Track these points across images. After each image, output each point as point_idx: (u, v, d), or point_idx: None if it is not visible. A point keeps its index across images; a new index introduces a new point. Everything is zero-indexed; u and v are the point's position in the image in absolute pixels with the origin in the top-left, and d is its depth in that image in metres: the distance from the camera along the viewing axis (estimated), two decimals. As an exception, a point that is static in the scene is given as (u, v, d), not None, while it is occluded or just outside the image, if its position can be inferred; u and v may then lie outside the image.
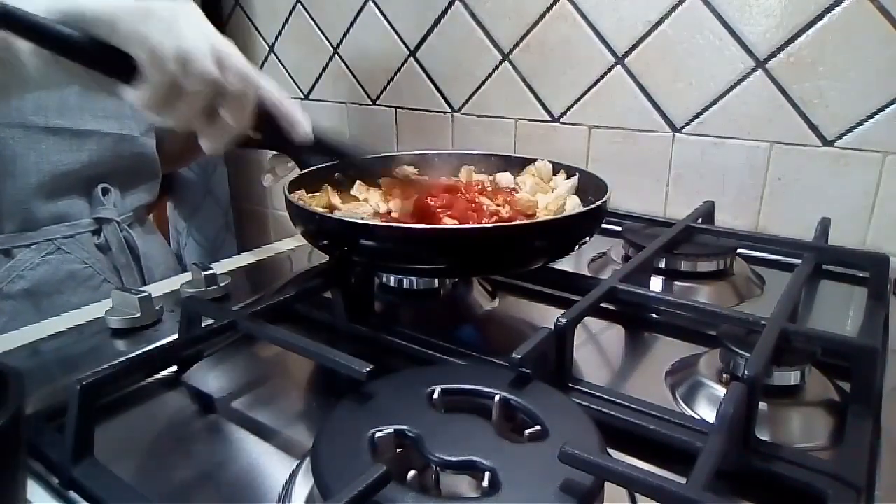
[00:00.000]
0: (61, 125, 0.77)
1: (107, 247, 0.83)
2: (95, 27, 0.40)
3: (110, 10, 0.40)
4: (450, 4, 0.98)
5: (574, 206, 0.64)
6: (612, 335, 0.60)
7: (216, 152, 0.47)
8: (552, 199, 0.65)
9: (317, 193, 0.67)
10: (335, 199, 0.65)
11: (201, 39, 0.42)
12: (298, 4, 1.16)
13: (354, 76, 1.13)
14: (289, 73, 1.23)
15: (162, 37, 0.40)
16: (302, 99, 1.22)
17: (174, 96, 0.42)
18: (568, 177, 0.69)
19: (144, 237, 0.90)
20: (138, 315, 0.59)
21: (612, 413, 0.43)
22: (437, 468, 0.33)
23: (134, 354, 0.46)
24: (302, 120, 0.49)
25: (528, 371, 0.41)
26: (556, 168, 0.71)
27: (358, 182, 0.71)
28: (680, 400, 0.48)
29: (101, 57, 0.40)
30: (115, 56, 0.40)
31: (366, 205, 0.65)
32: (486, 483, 0.32)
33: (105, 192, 0.83)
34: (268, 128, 0.48)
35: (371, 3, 1.06)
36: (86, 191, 0.82)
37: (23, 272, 0.76)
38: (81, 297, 0.79)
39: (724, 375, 0.47)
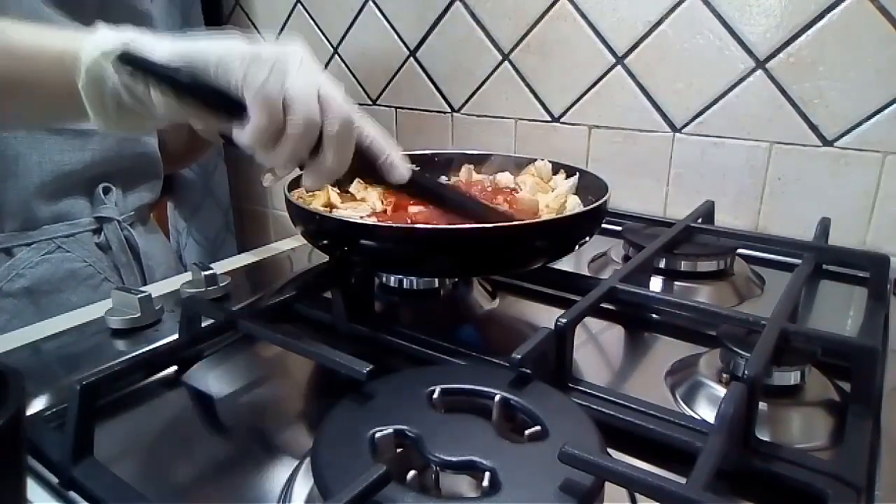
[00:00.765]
0: (64, 125, 0.77)
1: (107, 246, 0.82)
2: (210, 70, 0.43)
3: (224, 53, 0.43)
4: (450, 4, 0.98)
5: (574, 205, 0.64)
6: (612, 335, 0.60)
7: (316, 188, 0.50)
8: (552, 198, 0.65)
9: (317, 192, 0.67)
10: (335, 198, 0.65)
11: (307, 84, 0.43)
12: (298, 4, 1.16)
13: (354, 76, 1.13)
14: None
15: (269, 79, 0.42)
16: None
17: (278, 137, 0.44)
18: (568, 177, 0.69)
19: (146, 236, 0.90)
20: (138, 315, 0.59)
21: (612, 413, 0.43)
22: (437, 468, 0.33)
23: (134, 354, 0.46)
24: (399, 164, 0.50)
25: (528, 371, 0.41)
26: (556, 168, 0.72)
27: (357, 179, 0.71)
28: (680, 400, 0.48)
29: (212, 99, 0.43)
30: (225, 99, 0.43)
31: (364, 204, 0.65)
32: (486, 483, 0.32)
33: (106, 191, 0.83)
34: (366, 167, 0.49)
35: (371, 3, 1.06)
36: (87, 190, 0.82)
37: (23, 271, 0.76)
38: (81, 295, 0.79)
39: (724, 375, 0.47)
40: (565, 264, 0.69)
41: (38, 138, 0.76)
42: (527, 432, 0.36)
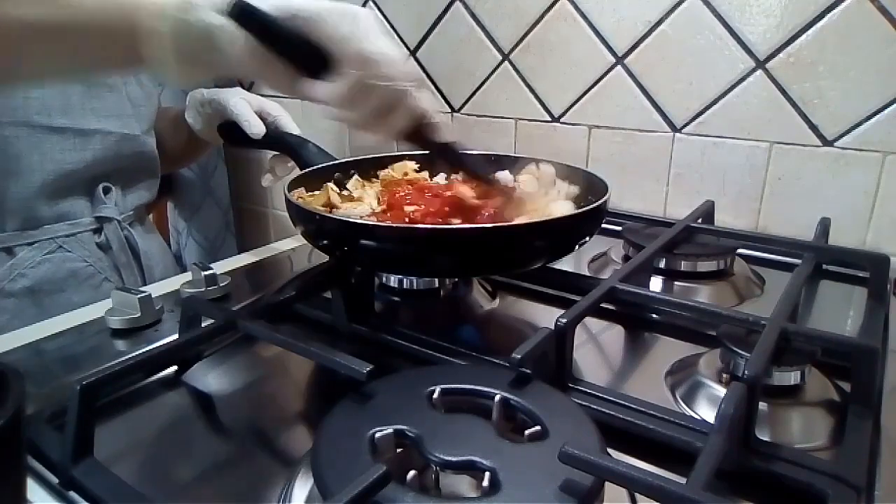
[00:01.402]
0: (65, 124, 0.77)
1: (108, 245, 0.83)
2: (307, 23, 0.44)
3: (319, 9, 0.45)
4: (450, 4, 0.98)
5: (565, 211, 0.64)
6: (612, 335, 0.60)
7: (382, 143, 0.53)
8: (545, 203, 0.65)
9: (317, 192, 0.67)
10: (335, 198, 0.65)
11: (388, 44, 0.46)
12: (298, 4, 1.16)
13: (354, 76, 1.13)
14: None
15: (359, 38, 0.45)
16: (302, 99, 1.22)
17: (362, 92, 0.45)
18: (571, 184, 0.69)
19: (145, 236, 0.90)
20: (138, 315, 0.59)
21: (612, 413, 0.43)
22: (437, 468, 0.33)
23: (134, 354, 0.45)
24: (441, 126, 0.54)
25: (528, 371, 0.41)
26: (561, 172, 0.71)
27: (355, 177, 0.71)
28: (680, 400, 0.48)
29: (305, 53, 0.45)
30: (317, 53, 0.45)
31: (363, 204, 0.65)
32: (486, 483, 0.32)
33: (106, 191, 0.83)
34: (416, 130, 0.52)
35: (371, 3, 1.06)
36: (88, 190, 0.82)
37: (24, 270, 0.76)
38: (82, 295, 0.79)
39: (724, 375, 0.47)
40: (565, 264, 0.69)
41: (39, 137, 0.76)
42: (527, 432, 0.36)
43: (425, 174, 0.73)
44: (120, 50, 0.45)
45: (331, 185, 0.68)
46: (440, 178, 0.73)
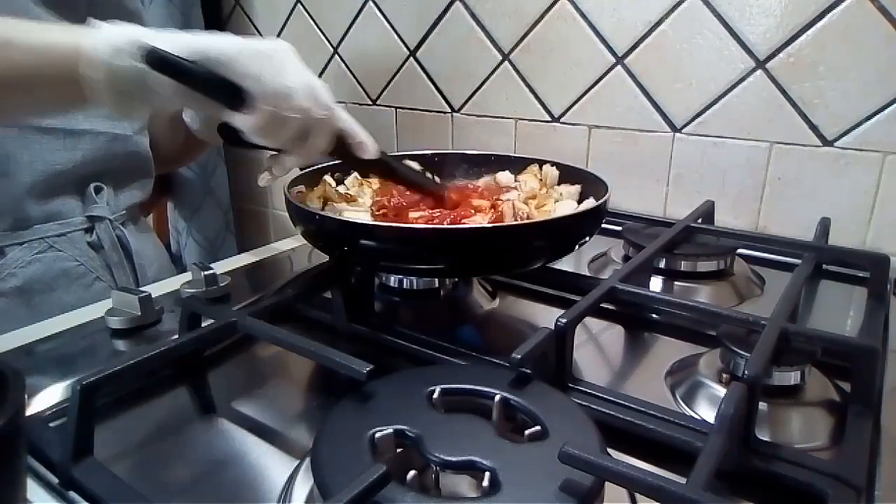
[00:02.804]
0: (55, 125, 0.77)
1: (99, 245, 0.82)
2: (221, 66, 0.49)
3: (235, 51, 0.49)
4: (450, 4, 0.98)
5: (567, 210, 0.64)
6: (612, 335, 0.60)
7: (303, 166, 0.59)
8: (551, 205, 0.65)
9: (316, 187, 0.67)
10: (331, 192, 0.66)
11: (300, 78, 0.51)
12: (298, 4, 1.16)
13: (354, 76, 1.13)
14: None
15: (271, 75, 0.50)
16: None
17: (276, 123, 0.51)
18: (573, 183, 0.69)
19: (138, 235, 0.89)
20: (138, 315, 0.59)
21: (612, 413, 0.43)
22: (437, 468, 0.33)
23: (134, 354, 0.45)
24: (368, 142, 0.58)
25: (528, 371, 0.41)
26: (562, 177, 0.71)
27: (354, 175, 0.71)
28: (680, 400, 0.48)
29: (222, 89, 0.49)
30: (232, 90, 0.49)
31: (361, 206, 0.65)
32: (486, 483, 0.32)
33: (98, 190, 0.82)
34: (341, 147, 0.57)
35: (371, 3, 1.06)
36: (79, 189, 0.82)
37: (15, 270, 0.76)
38: (74, 295, 0.79)
39: (724, 375, 0.47)
40: (565, 264, 0.69)
41: (28, 138, 0.76)
42: (527, 432, 0.36)
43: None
44: (67, 95, 0.50)
45: (328, 177, 0.68)
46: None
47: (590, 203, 0.64)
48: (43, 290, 0.77)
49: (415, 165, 0.74)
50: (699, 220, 0.76)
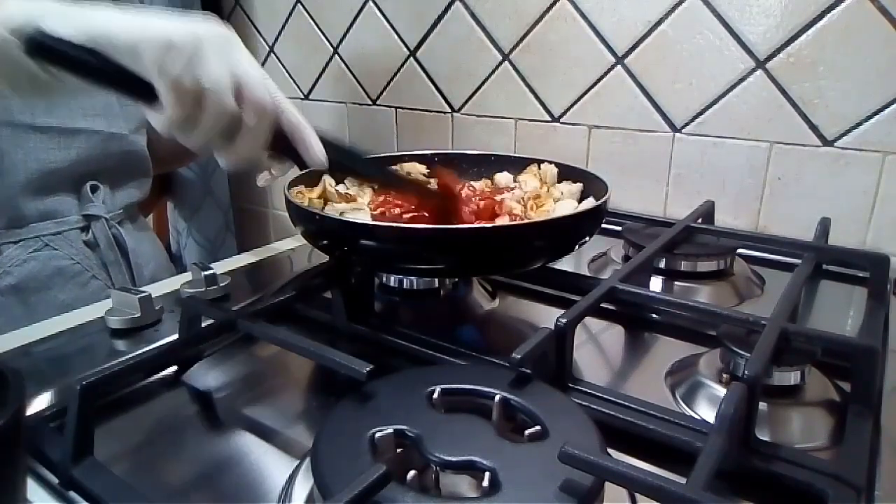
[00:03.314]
0: (49, 123, 0.77)
1: (95, 243, 0.82)
2: (120, 54, 0.41)
3: (135, 39, 0.41)
4: (450, 4, 0.98)
5: (567, 210, 0.64)
6: (612, 335, 0.60)
7: (231, 169, 0.49)
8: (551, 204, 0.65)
9: (316, 187, 0.67)
10: (331, 191, 0.66)
11: (222, 73, 0.42)
12: (298, 4, 1.16)
13: (354, 76, 1.13)
14: (289, 73, 1.23)
15: (182, 70, 0.41)
16: (302, 99, 1.23)
17: (192, 124, 0.43)
18: (574, 181, 0.69)
19: (135, 234, 0.89)
20: (138, 315, 0.59)
21: (612, 413, 0.43)
22: (437, 468, 0.33)
23: (134, 354, 0.46)
24: (317, 147, 0.50)
25: (528, 371, 0.41)
26: (562, 175, 0.71)
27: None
28: (680, 400, 0.48)
29: (125, 84, 0.42)
30: (138, 83, 0.41)
31: (361, 202, 0.65)
32: (486, 483, 0.32)
33: (94, 189, 0.83)
34: (283, 149, 0.49)
35: (371, 3, 1.06)
36: (74, 188, 0.82)
37: (10, 268, 0.76)
38: (69, 293, 0.79)
39: (724, 375, 0.47)
40: (565, 264, 0.69)
41: (22, 136, 0.76)
42: (527, 432, 0.36)
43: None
44: None
45: (327, 177, 0.68)
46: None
47: (590, 202, 0.64)
48: (38, 288, 0.78)
49: (421, 168, 0.74)
50: (699, 220, 0.76)
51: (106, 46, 0.40)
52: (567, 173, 0.71)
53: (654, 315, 0.62)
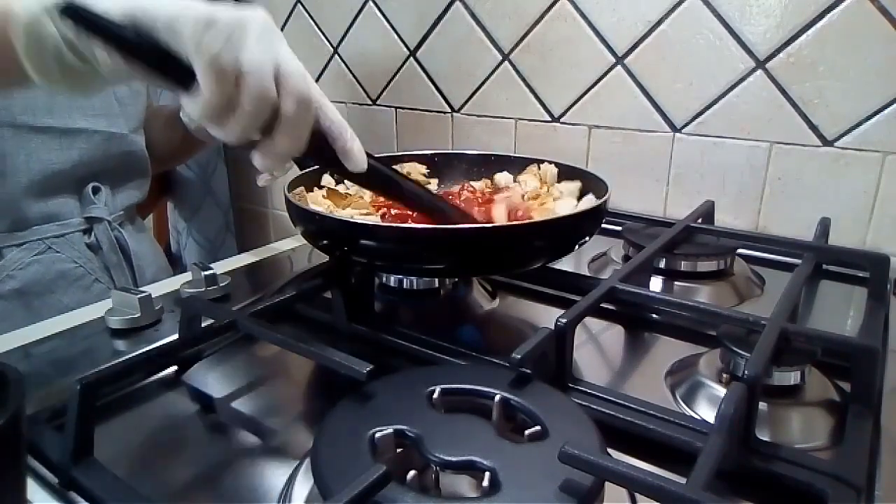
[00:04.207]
0: (50, 124, 0.77)
1: (97, 246, 0.82)
2: (158, 31, 0.38)
3: (175, 13, 0.38)
4: (450, 4, 0.98)
5: (580, 206, 0.65)
6: (612, 335, 0.60)
7: (268, 170, 0.46)
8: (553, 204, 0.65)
9: (316, 188, 0.67)
10: (331, 191, 0.66)
11: (265, 55, 0.40)
12: (298, 4, 1.16)
13: (354, 76, 1.13)
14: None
15: (222, 48, 0.38)
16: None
17: (229, 111, 0.40)
18: (573, 179, 0.69)
19: (135, 236, 0.89)
20: (138, 315, 0.59)
21: (612, 413, 0.43)
22: (437, 468, 0.33)
23: (134, 354, 0.46)
24: (357, 152, 0.47)
25: (528, 371, 0.41)
26: (562, 174, 0.71)
27: None
28: (680, 400, 0.48)
29: (162, 63, 0.39)
30: (175, 63, 0.39)
31: (361, 205, 0.65)
32: (486, 483, 0.32)
33: (96, 191, 0.82)
34: (322, 152, 0.47)
35: (371, 3, 1.06)
36: (76, 190, 0.81)
37: (13, 272, 0.76)
38: (73, 296, 0.79)
39: (724, 375, 0.47)
40: (565, 264, 0.69)
41: (24, 137, 0.76)
42: (527, 432, 0.36)
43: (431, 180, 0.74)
44: (9, 66, 0.42)
45: (328, 177, 0.68)
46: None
47: (590, 200, 0.64)
48: (42, 292, 0.77)
49: (421, 169, 0.74)
50: (699, 220, 0.76)
51: (144, 20, 0.38)
52: (567, 173, 0.71)
53: (654, 315, 0.62)
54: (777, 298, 0.51)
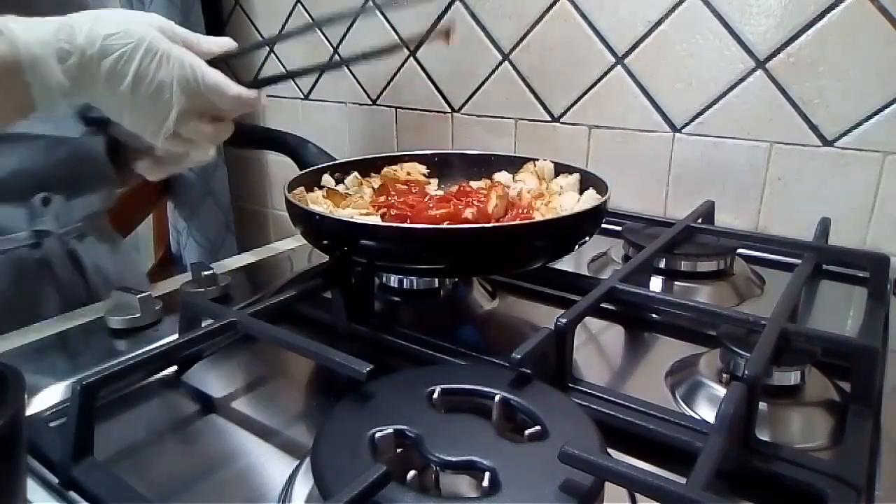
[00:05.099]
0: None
1: (48, 262, 0.73)
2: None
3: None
4: (450, 4, 0.98)
5: (573, 203, 0.64)
6: (612, 335, 0.60)
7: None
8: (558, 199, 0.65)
9: (317, 188, 0.67)
10: (333, 184, 0.67)
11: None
12: (298, 4, 1.16)
13: (354, 76, 1.13)
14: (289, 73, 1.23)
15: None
16: (302, 99, 1.23)
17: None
18: (570, 173, 0.69)
19: (98, 248, 0.80)
20: (138, 315, 0.59)
21: (612, 413, 0.43)
22: (437, 468, 0.33)
23: (134, 354, 0.45)
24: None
25: (528, 371, 0.41)
26: (558, 169, 0.71)
27: (354, 174, 0.71)
28: (680, 400, 0.48)
29: None
30: None
31: (361, 205, 0.65)
32: (486, 483, 0.32)
33: (46, 201, 0.73)
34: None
35: (371, 3, 1.06)
36: (21, 201, 0.71)
37: None
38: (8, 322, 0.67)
39: (724, 375, 0.47)
40: (565, 264, 0.69)
41: None
42: (527, 432, 0.36)
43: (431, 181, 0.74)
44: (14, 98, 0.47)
45: (327, 177, 0.68)
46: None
47: (591, 196, 0.64)
48: None
49: (421, 168, 0.74)
50: (699, 220, 0.76)
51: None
52: (566, 172, 0.71)
53: (654, 315, 0.62)
54: (777, 298, 0.51)
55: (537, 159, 0.73)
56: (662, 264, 0.69)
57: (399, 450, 0.35)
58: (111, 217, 0.91)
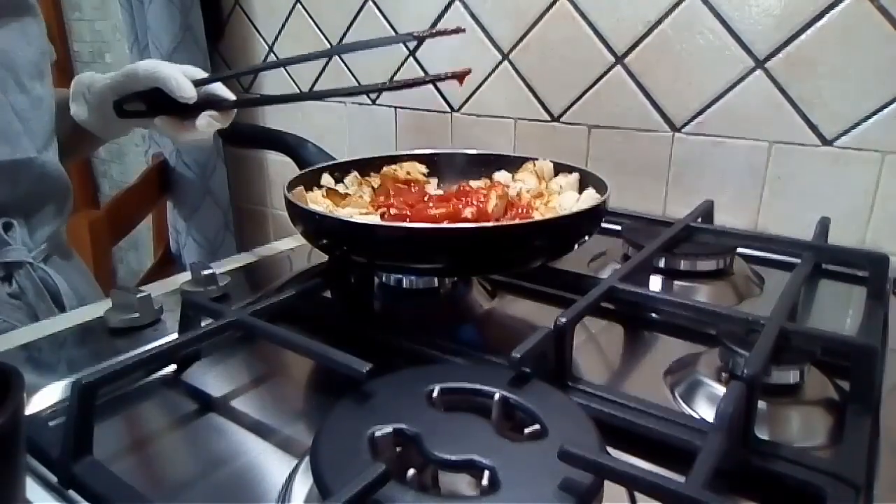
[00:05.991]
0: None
1: (20, 293, 0.69)
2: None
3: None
4: (449, 4, 0.98)
5: (573, 202, 0.64)
6: (611, 334, 0.60)
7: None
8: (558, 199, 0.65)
9: (316, 188, 0.67)
10: (333, 184, 0.67)
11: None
12: (298, 4, 1.16)
13: (355, 76, 1.13)
14: (288, 73, 1.23)
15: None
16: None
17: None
18: (569, 172, 0.70)
19: (63, 268, 0.77)
20: (138, 315, 0.59)
21: (611, 412, 0.43)
22: (437, 467, 0.33)
23: (133, 354, 0.45)
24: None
25: (528, 370, 0.41)
26: (557, 168, 0.72)
27: (353, 173, 0.71)
28: (679, 399, 0.48)
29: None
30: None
31: (361, 205, 0.65)
32: (485, 482, 0.32)
33: (7, 227, 0.69)
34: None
35: (371, 3, 1.06)
36: None
37: None
38: None
39: (724, 374, 0.47)
40: (565, 264, 0.69)
41: None
42: (526, 431, 0.36)
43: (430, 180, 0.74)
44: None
45: (327, 176, 0.68)
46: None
47: (590, 195, 0.64)
48: None
49: (421, 168, 0.74)
50: (699, 220, 0.76)
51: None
52: (566, 171, 0.71)
53: (653, 314, 0.62)
54: (776, 298, 0.51)
55: (537, 159, 0.73)
56: (662, 264, 0.69)
57: (398, 449, 0.35)
58: (111, 217, 0.92)
